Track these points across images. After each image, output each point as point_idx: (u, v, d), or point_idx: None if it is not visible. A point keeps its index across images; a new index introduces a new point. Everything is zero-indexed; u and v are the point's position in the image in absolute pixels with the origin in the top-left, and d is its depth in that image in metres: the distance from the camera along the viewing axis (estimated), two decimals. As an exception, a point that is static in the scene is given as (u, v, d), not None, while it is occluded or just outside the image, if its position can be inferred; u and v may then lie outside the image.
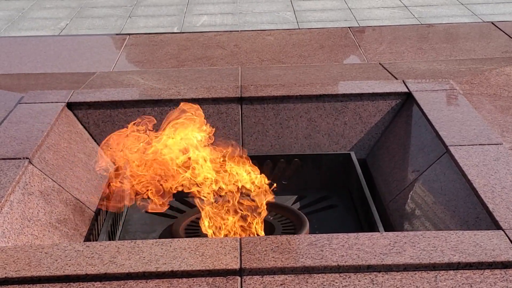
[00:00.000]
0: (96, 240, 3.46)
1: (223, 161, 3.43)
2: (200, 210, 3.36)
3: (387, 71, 4.99)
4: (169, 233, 3.55)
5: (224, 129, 4.22)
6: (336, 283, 2.41)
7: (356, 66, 5.46)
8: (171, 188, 3.33)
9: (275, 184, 3.50)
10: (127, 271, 2.47)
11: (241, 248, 2.60)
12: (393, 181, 3.79)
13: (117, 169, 3.53)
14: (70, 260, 2.55)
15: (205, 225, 3.32)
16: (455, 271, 2.46)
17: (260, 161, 4.05)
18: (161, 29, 6.91)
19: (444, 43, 6.09)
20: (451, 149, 3.47)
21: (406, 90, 4.30)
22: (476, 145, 3.50)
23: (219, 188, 3.35)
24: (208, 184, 3.34)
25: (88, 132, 4.21)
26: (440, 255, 2.52)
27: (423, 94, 4.23)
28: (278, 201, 3.83)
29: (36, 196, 3.30)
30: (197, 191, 3.34)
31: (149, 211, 3.41)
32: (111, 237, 3.45)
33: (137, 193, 3.36)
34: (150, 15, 7.50)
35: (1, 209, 3.01)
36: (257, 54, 5.93)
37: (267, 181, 3.45)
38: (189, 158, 3.36)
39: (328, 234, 2.70)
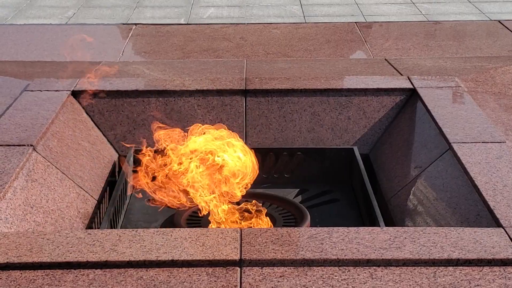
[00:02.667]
0: (98, 228, 3.48)
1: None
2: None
3: (393, 67, 4.99)
4: (170, 223, 3.56)
5: (228, 121, 4.22)
6: (336, 276, 2.42)
7: (362, 61, 5.46)
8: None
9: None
10: (128, 259, 2.49)
11: (241, 239, 2.61)
12: (395, 176, 3.79)
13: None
14: (71, 247, 2.57)
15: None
16: (454, 267, 2.47)
17: (263, 154, 4.06)
18: (167, 20, 6.91)
19: (450, 40, 6.08)
20: (454, 146, 3.47)
21: (411, 86, 4.30)
22: (479, 142, 3.50)
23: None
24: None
25: (93, 121, 4.22)
26: (439, 251, 2.53)
27: (428, 90, 4.22)
28: (280, 194, 3.85)
29: (40, 183, 3.32)
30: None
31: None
32: (113, 225, 3.47)
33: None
34: (157, 6, 7.50)
35: (4, 195, 3.03)
36: (263, 47, 5.93)
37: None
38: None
39: (328, 228, 2.71)
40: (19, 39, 6.22)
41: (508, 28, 6.39)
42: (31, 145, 3.45)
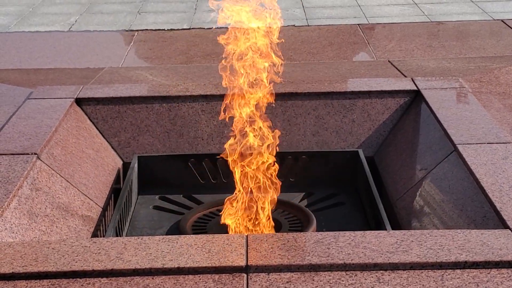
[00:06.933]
0: (103, 236, 3.47)
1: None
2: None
3: (396, 68, 4.98)
4: (176, 230, 3.55)
5: (232, 125, 4.21)
6: (342, 281, 2.41)
7: (365, 63, 5.45)
8: None
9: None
10: (134, 267, 2.48)
11: (247, 245, 2.60)
12: (400, 179, 3.78)
13: None
14: (77, 256, 2.56)
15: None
16: (461, 270, 2.46)
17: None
18: (170, 25, 6.91)
19: (454, 41, 6.07)
20: (459, 147, 3.46)
21: (415, 88, 4.29)
22: (484, 143, 3.49)
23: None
24: None
25: (97, 128, 4.22)
26: (447, 254, 2.52)
27: (432, 92, 4.21)
28: (285, 198, 3.83)
29: (44, 192, 3.31)
30: None
31: None
32: (118, 233, 3.46)
33: None
34: (159, 11, 7.50)
35: (9, 205, 3.03)
36: (266, 50, 5.91)
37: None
38: None
39: (335, 232, 2.70)
40: (22, 46, 6.23)
41: (511, 27, 6.38)
42: (35, 154, 3.45)
